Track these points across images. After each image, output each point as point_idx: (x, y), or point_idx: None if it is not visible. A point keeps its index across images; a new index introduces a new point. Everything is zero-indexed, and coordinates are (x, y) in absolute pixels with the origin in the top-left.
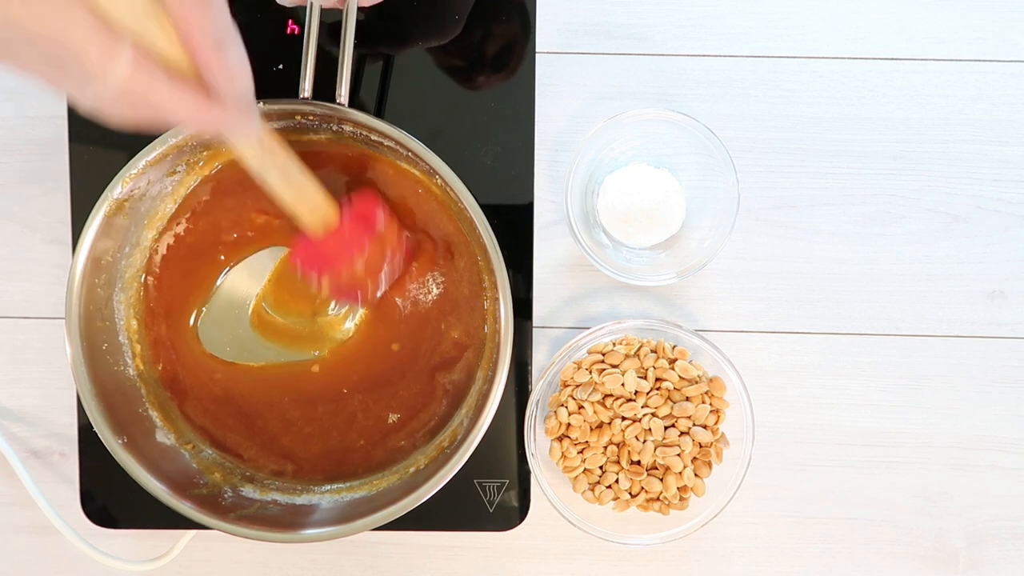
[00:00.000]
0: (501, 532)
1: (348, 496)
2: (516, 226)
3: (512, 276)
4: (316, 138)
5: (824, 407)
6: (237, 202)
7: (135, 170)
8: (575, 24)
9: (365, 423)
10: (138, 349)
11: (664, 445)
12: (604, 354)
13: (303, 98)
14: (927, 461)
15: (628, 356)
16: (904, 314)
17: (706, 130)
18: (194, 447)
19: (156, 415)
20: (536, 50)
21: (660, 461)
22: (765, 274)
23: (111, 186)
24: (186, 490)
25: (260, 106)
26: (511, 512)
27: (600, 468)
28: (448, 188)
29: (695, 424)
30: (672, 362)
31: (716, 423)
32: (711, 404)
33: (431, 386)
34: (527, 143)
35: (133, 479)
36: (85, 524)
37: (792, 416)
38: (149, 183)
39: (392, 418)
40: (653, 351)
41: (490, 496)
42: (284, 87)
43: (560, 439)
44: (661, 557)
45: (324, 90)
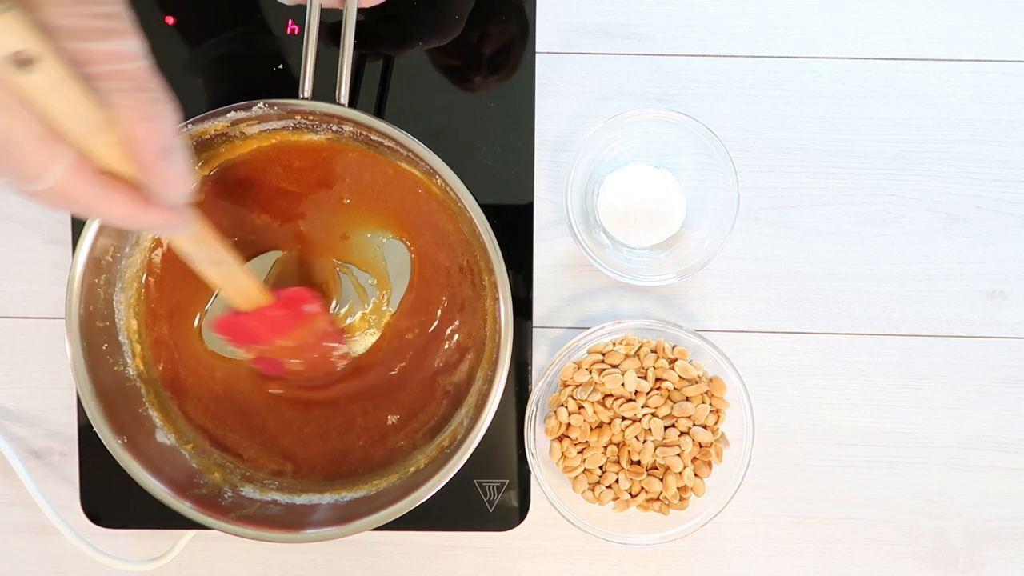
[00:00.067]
0: (501, 532)
1: (348, 496)
2: (516, 226)
3: (512, 276)
4: (316, 138)
5: (824, 407)
6: (237, 203)
7: None
8: (575, 24)
9: (365, 423)
10: (138, 349)
11: (664, 445)
12: (604, 354)
13: (303, 98)
14: (927, 461)
15: (628, 356)
16: (904, 314)
17: (706, 130)
18: (194, 447)
19: (156, 415)
20: (536, 50)
21: (660, 461)
22: (765, 274)
23: None
24: (186, 490)
25: (261, 106)
26: (511, 512)
27: (600, 468)
28: (448, 188)
29: (695, 424)
30: (672, 362)
31: (716, 423)
32: (711, 404)
33: (431, 387)
34: (527, 143)
35: (133, 479)
36: (85, 524)
37: (792, 416)
38: None
39: (392, 419)
40: (653, 351)
41: (490, 496)
42: (284, 87)
43: (560, 439)
44: (661, 557)
45: (324, 90)
